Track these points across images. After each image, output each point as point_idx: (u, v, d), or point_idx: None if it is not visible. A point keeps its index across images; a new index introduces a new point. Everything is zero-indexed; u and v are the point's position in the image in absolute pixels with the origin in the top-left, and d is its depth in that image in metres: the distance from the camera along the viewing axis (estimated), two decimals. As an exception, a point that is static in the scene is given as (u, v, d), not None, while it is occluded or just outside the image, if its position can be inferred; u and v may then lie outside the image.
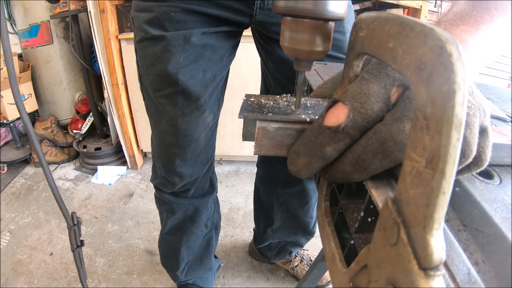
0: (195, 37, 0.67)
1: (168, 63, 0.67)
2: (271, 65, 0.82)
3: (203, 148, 0.85)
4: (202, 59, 0.70)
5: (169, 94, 0.72)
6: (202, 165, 0.89)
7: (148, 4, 0.67)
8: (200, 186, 0.96)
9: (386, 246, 0.19)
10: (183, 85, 0.70)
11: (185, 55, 0.67)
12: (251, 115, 0.29)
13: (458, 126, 0.15)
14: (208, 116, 0.79)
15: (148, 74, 0.72)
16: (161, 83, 0.71)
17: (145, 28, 0.67)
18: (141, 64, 0.74)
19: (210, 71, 0.72)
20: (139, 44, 0.71)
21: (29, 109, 2.04)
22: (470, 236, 0.26)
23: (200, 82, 0.72)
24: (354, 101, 0.24)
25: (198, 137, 0.80)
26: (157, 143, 0.86)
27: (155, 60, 0.68)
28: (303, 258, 1.37)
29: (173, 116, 0.74)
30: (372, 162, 0.24)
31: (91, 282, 1.35)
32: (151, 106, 0.79)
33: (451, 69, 0.15)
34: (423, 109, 0.17)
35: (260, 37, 0.80)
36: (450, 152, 0.15)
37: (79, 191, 1.86)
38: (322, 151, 0.26)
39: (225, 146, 1.97)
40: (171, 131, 0.78)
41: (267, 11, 0.69)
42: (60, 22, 2.00)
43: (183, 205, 0.97)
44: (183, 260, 1.09)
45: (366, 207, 0.25)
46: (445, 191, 0.15)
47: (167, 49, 0.66)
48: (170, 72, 0.68)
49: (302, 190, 1.05)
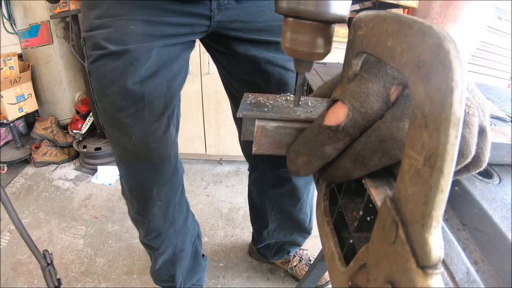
0: (157, 49, 0.65)
1: (130, 77, 0.64)
2: (235, 67, 0.80)
3: (174, 167, 0.82)
4: (165, 70, 0.68)
5: (135, 112, 0.68)
6: (176, 187, 0.86)
7: (105, 21, 0.64)
8: (180, 214, 0.93)
9: (384, 244, 0.19)
10: (148, 99, 0.67)
11: (147, 68, 0.65)
12: (250, 114, 0.29)
13: (456, 124, 0.15)
14: (173, 130, 0.77)
15: (107, 95, 0.67)
16: (123, 101, 0.66)
17: (103, 45, 0.63)
18: (96, 86, 0.69)
19: (174, 82, 0.71)
20: (94, 64, 0.66)
21: (29, 109, 2.05)
22: (469, 235, 0.26)
23: (165, 94, 0.69)
24: (354, 100, 0.24)
25: (169, 154, 0.78)
26: (127, 177, 0.81)
27: (116, 76, 0.64)
28: (302, 258, 1.37)
29: (141, 136, 0.70)
30: (371, 159, 0.24)
31: (91, 282, 1.35)
32: (113, 133, 0.73)
33: (449, 67, 0.15)
34: (421, 107, 0.17)
35: (214, 43, 0.79)
36: (448, 150, 0.15)
37: (79, 191, 1.86)
38: (321, 150, 0.26)
39: (225, 146, 1.97)
40: (142, 154, 0.73)
41: (225, 11, 0.69)
42: (60, 22, 2.01)
43: (171, 242, 0.95)
44: (178, 280, 1.10)
45: (365, 206, 0.25)
46: (443, 189, 0.15)
47: (129, 63, 0.63)
48: (133, 87, 0.65)
49: (292, 188, 1.04)
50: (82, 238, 1.55)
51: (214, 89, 1.77)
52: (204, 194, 1.84)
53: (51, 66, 2.07)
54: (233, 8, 0.70)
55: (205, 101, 1.82)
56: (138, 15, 0.63)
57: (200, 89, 1.78)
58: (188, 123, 1.89)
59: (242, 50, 0.76)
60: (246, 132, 0.30)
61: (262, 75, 0.78)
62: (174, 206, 0.88)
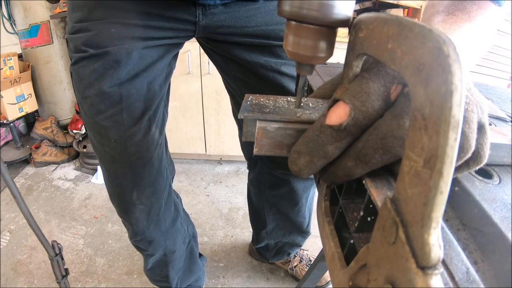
0: (138, 50, 0.64)
1: (109, 79, 0.64)
2: (231, 68, 0.80)
3: (158, 170, 0.80)
4: (147, 72, 0.67)
5: (112, 115, 0.67)
6: (161, 190, 0.84)
7: (86, 24, 0.63)
8: (166, 216, 0.90)
9: (384, 245, 0.19)
10: (126, 101, 0.66)
11: (127, 70, 0.64)
12: (251, 115, 0.29)
13: (455, 127, 0.15)
14: (155, 132, 0.75)
15: (86, 97, 0.66)
16: (101, 103, 0.66)
17: (83, 49, 0.63)
18: (77, 88, 0.68)
19: (155, 83, 0.70)
20: (75, 65, 0.66)
21: (29, 109, 2.05)
22: (469, 235, 0.26)
23: (145, 96, 0.68)
24: (355, 99, 0.25)
25: (151, 157, 0.76)
26: (107, 181, 0.80)
27: (94, 79, 0.64)
28: (303, 258, 1.37)
29: (119, 139, 0.69)
30: (373, 157, 0.24)
31: (91, 282, 1.35)
32: (93, 136, 0.72)
33: (448, 70, 0.15)
34: (421, 109, 0.17)
35: (208, 44, 0.78)
36: (447, 152, 0.15)
37: (79, 191, 1.86)
38: (324, 149, 0.26)
39: (225, 146, 1.97)
40: (121, 158, 0.72)
41: (210, 16, 0.68)
42: (60, 22, 2.01)
43: (159, 245, 0.93)
44: (173, 280, 1.08)
45: (365, 206, 0.26)
46: (442, 191, 0.15)
47: (108, 65, 0.63)
48: (111, 89, 0.64)
49: (290, 191, 1.03)
50: (82, 238, 1.55)
51: (214, 89, 1.77)
52: (204, 194, 1.84)
53: (51, 66, 2.07)
54: (220, 13, 0.69)
55: (205, 101, 1.82)
56: (119, 18, 0.62)
57: (200, 89, 1.78)
58: (188, 123, 1.89)
59: (234, 54, 0.75)
60: (247, 133, 0.31)
61: (257, 78, 0.78)
62: (158, 209, 0.86)
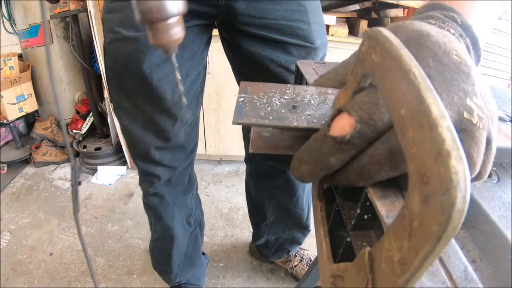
0: None
1: (142, 63, 0.68)
2: (238, 60, 0.83)
3: (183, 143, 0.86)
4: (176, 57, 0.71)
5: (146, 93, 0.73)
6: (182, 158, 0.90)
7: (118, 5, 0.67)
8: (179, 181, 0.96)
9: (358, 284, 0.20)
10: (156, 84, 0.71)
11: (157, 55, 0.68)
12: (245, 122, 0.28)
13: (437, 255, 0.15)
14: (185, 113, 0.80)
15: (124, 74, 0.73)
16: (137, 82, 0.72)
17: (117, 30, 0.68)
18: (112, 66, 0.74)
19: (183, 69, 0.73)
20: (110, 45, 0.71)
21: (29, 109, 2.05)
22: (467, 234, 0.26)
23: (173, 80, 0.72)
24: (362, 112, 0.23)
25: (177, 133, 0.82)
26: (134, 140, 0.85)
27: (129, 61, 0.69)
28: (303, 258, 1.37)
29: (150, 112, 0.76)
30: (378, 173, 0.23)
31: (91, 282, 1.35)
32: (125, 103, 0.78)
33: (450, 209, 0.14)
34: (411, 218, 0.16)
35: (226, 33, 0.81)
36: (425, 265, 0.15)
37: (79, 191, 1.86)
38: (326, 161, 0.25)
39: (225, 146, 1.97)
40: (149, 126, 0.79)
41: (233, 1, 0.70)
42: (60, 22, 2.01)
43: (169, 209, 0.97)
44: (175, 263, 1.10)
45: (362, 204, 0.25)
46: None
47: (140, 50, 0.67)
48: (145, 72, 0.69)
49: (287, 181, 1.04)
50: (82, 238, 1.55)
51: (214, 89, 1.77)
52: (204, 194, 1.84)
53: (51, 66, 2.07)
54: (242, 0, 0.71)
55: (205, 101, 1.82)
56: None
57: (200, 89, 1.78)
58: (188, 123, 1.90)
59: (246, 46, 0.77)
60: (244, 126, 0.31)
61: (264, 73, 0.79)
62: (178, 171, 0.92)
